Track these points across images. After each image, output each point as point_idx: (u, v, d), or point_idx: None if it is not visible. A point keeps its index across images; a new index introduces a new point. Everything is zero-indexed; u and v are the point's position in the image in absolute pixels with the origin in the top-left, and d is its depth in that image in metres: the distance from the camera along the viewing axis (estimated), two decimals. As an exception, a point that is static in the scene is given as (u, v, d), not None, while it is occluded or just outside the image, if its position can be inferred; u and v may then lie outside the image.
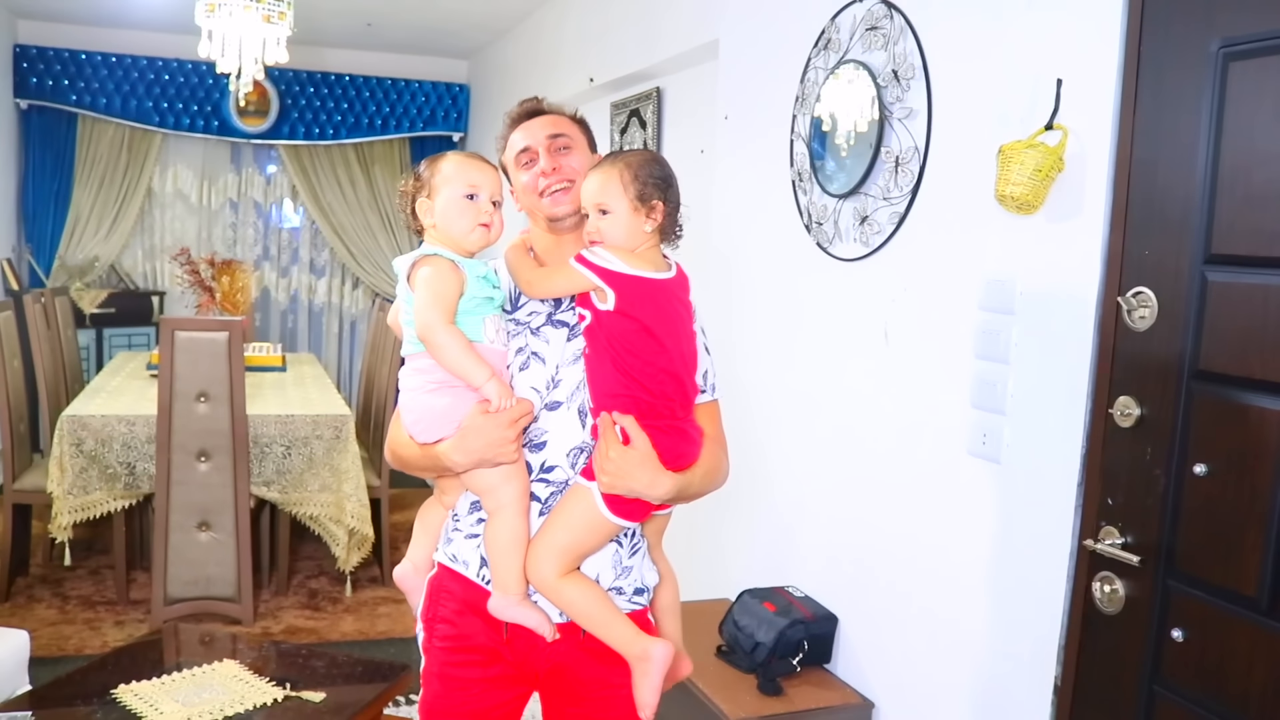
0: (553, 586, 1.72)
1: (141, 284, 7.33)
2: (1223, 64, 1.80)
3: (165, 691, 2.38)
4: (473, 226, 1.73)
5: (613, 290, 1.69)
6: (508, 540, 1.72)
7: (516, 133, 1.88)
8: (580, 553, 1.74)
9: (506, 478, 1.72)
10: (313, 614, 4.36)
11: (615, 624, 1.74)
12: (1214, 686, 1.79)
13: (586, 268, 1.70)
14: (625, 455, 1.67)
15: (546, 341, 1.79)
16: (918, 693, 2.59)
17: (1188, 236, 1.85)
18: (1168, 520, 1.88)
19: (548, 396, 1.77)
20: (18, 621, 3.95)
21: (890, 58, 2.69)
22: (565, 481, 1.76)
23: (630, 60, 4.59)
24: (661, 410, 1.72)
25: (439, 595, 1.87)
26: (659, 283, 1.73)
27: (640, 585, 1.85)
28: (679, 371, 1.75)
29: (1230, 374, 1.78)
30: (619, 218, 1.72)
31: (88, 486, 4.10)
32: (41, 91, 6.75)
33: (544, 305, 1.82)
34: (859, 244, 2.83)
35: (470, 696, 1.81)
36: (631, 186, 1.72)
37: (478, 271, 1.74)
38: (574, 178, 1.81)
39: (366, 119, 7.48)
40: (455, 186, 1.74)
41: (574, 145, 1.85)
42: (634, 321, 1.70)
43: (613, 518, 1.71)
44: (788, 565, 3.14)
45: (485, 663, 1.81)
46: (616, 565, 1.80)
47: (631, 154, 1.77)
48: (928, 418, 2.56)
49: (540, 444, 1.76)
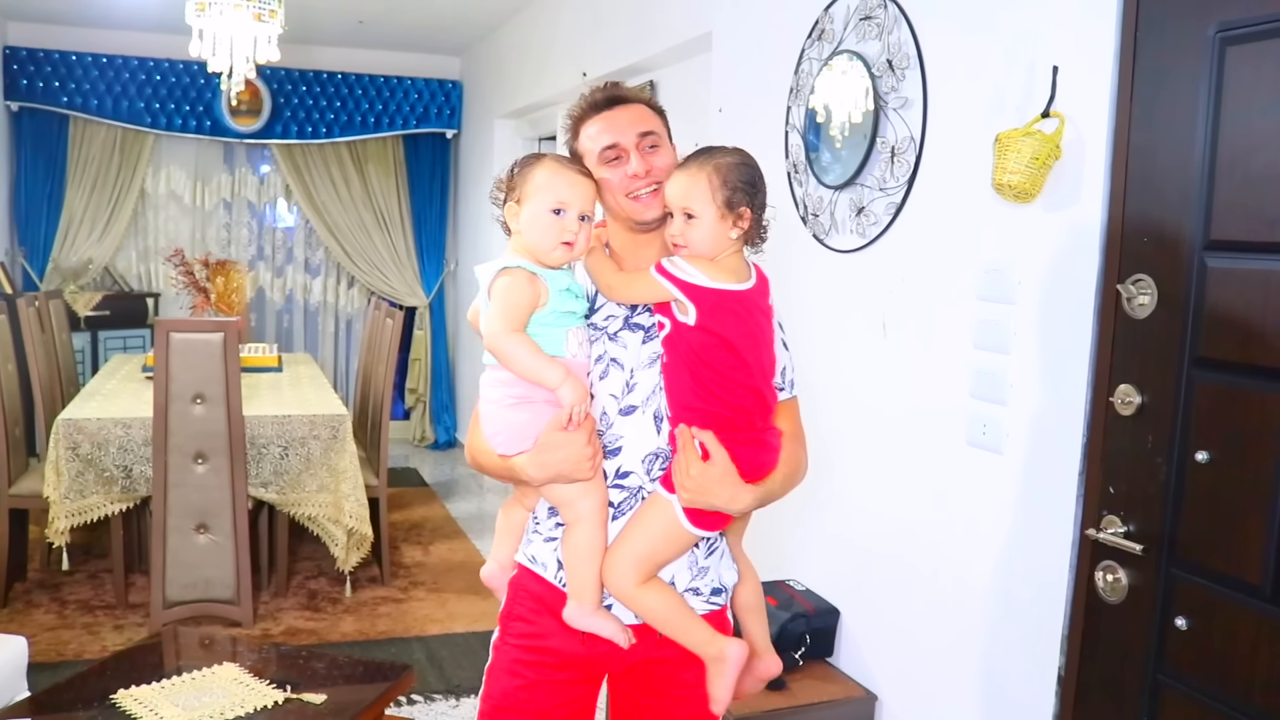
0: (631, 595, 1.71)
1: (136, 286, 7.31)
2: (1220, 48, 1.79)
3: (165, 696, 2.37)
4: (555, 244, 1.67)
5: (694, 305, 1.64)
6: (585, 551, 1.71)
7: (597, 123, 1.74)
8: (659, 562, 1.73)
9: (584, 491, 1.70)
10: (312, 615, 4.35)
11: (693, 628, 1.73)
12: (1218, 674, 1.78)
13: (667, 279, 1.65)
14: (706, 472, 1.64)
15: (624, 346, 1.75)
16: (921, 684, 2.58)
17: (1186, 222, 1.84)
18: (1170, 508, 1.87)
19: (623, 401, 1.74)
20: (16, 627, 3.93)
21: (885, 47, 2.68)
22: (640, 488, 1.74)
23: (623, 54, 4.57)
24: (740, 424, 1.69)
25: (517, 594, 1.85)
26: (741, 294, 1.68)
27: (718, 585, 1.83)
28: (759, 384, 1.71)
29: (1231, 360, 1.77)
30: (705, 224, 1.66)
31: (84, 490, 4.08)
32: (32, 93, 6.72)
33: (621, 309, 1.77)
34: (856, 235, 2.82)
35: (538, 694, 1.79)
36: (720, 191, 1.65)
37: (561, 284, 1.69)
38: (663, 179, 1.72)
39: (359, 117, 7.45)
40: (544, 199, 1.67)
41: (661, 143, 1.75)
42: (715, 336, 1.65)
43: (694, 530, 1.70)
44: (789, 559, 3.13)
45: (557, 665, 1.79)
46: (693, 566, 1.78)
47: (721, 154, 1.69)
48: (927, 409, 2.55)
49: (615, 450, 1.74)
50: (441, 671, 3.83)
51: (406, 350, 7.67)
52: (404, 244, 7.65)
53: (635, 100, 1.77)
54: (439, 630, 4.23)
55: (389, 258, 7.62)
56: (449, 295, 7.99)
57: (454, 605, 4.52)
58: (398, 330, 4.92)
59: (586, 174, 1.72)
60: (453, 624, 4.31)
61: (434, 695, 3.65)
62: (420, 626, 4.27)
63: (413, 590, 4.68)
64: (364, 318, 6.33)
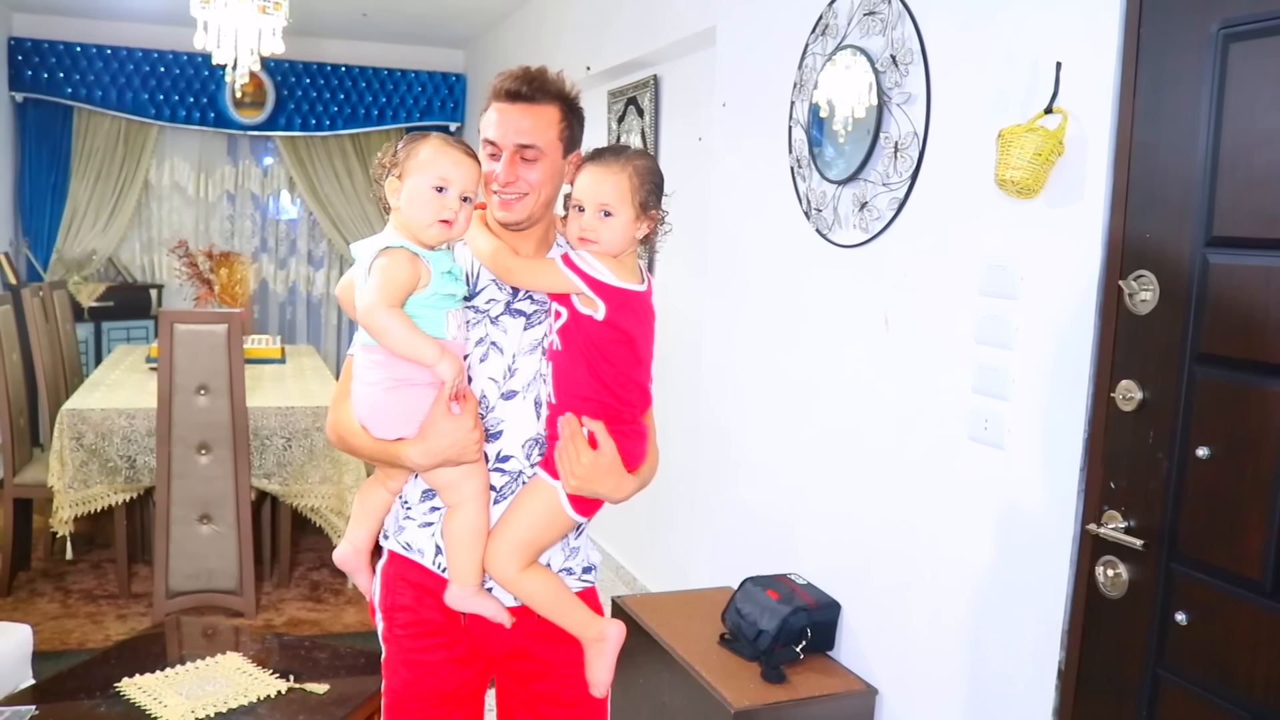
0: (514, 580, 1.75)
1: (140, 277, 7.32)
2: (1223, 45, 1.79)
3: (169, 684, 2.39)
4: (433, 220, 1.65)
5: (604, 302, 1.69)
6: (468, 534, 1.72)
7: (493, 114, 1.74)
8: (541, 546, 1.78)
9: (468, 474, 1.70)
10: (315, 606, 4.36)
11: (573, 611, 1.80)
12: (1218, 669, 1.79)
13: (576, 274, 1.69)
14: (596, 461, 1.70)
15: (504, 331, 1.76)
16: (921, 678, 2.59)
17: (1189, 219, 1.85)
18: (1171, 504, 1.88)
19: (504, 386, 1.76)
20: (20, 616, 3.95)
21: (888, 43, 2.68)
22: (520, 472, 1.77)
23: (627, 48, 4.57)
24: (626, 416, 1.77)
25: (395, 583, 1.85)
26: (641, 295, 1.75)
27: (588, 564, 1.90)
28: (645, 381, 1.80)
29: (1232, 356, 1.78)
30: (620, 223, 1.70)
31: (88, 480, 4.09)
32: (37, 84, 6.72)
33: (503, 293, 1.78)
34: (859, 230, 2.82)
35: (438, 679, 1.82)
36: (639, 193, 1.70)
37: (442, 266, 1.67)
38: (530, 191, 1.72)
39: (363, 110, 7.45)
40: (426, 175, 1.65)
41: (543, 157, 1.72)
42: (620, 332, 1.71)
43: (575, 515, 1.76)
44: (790, 553, 3.14)
45: (449, 644, 1.82)
46: (565, 548, 1.85)
47: (636, 156, 1.73)
48: (929, 404, 2.56)
49: (496, 434, 1.76)
50: (443, 663, 3.84)
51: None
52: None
53: (545, 100, 1.73)
54: (441, 622, 4.24)
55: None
56: (452, 288, 7.98)
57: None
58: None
59: (472, 155, 1.70)
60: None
61: (436, 686, 3.66)
62: (422, 618, 4.27)
63: (415, 582, 4.69)
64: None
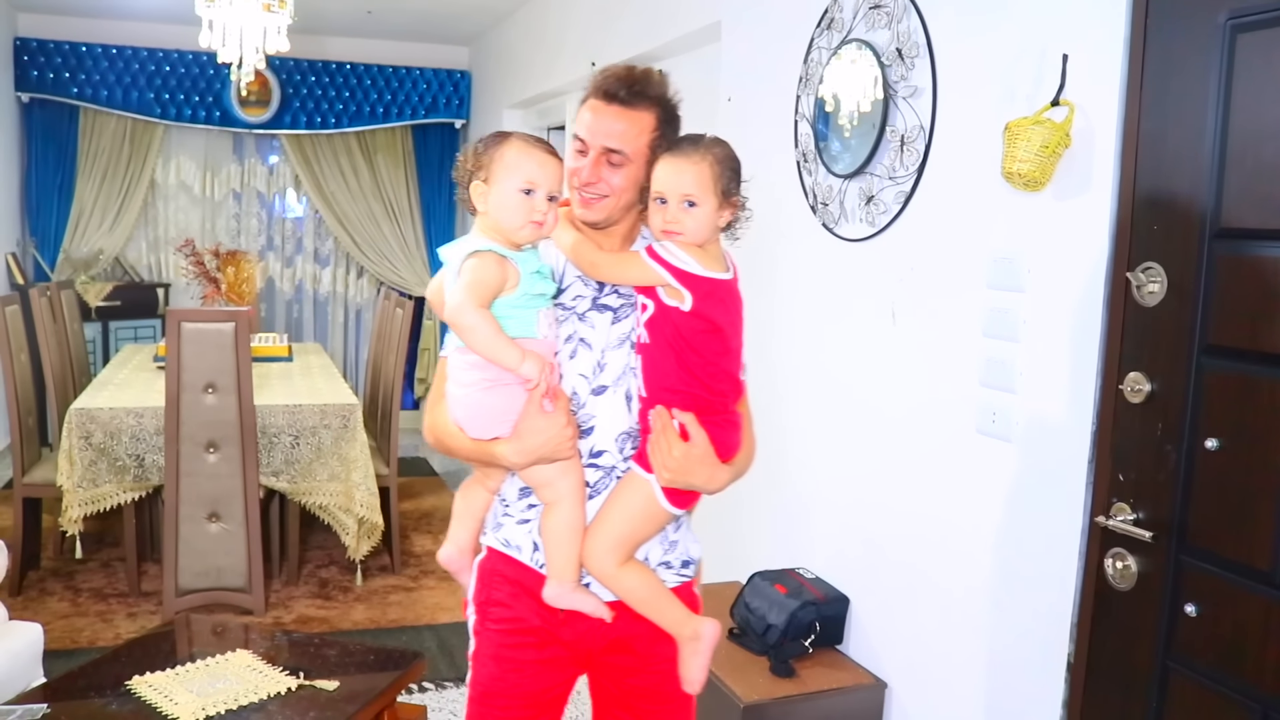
0: (612, 576, 1.74)
1: (146, 276, 7.34)
2: (1230, 36, 1.78)
3: (179, 682, 2.39)
4: (525, 223, 1.67)
5: (690, 292, 1.66)
6: (565, 530, 1.73)
7: (587, 112, 1.72)
8: (638, 541, 1.76)
9: (564, 471, 1.71)
10: (324, 603, 4.37)
11: (669, 607, 1.77)
12: (1228, 661, 1.79)
13: (661, 265, 1.67)
14: (688, 453, 1.68)
15: (592, 326, 1.76)
16: (930, 672, 2.59)
17: (1196, 210, 1.84)
18: (1179, 495, 1.88)
19: (594, 382, 1.75)
20: (30, 615, 3.96)
21: (894, 36, 2.67)
22: (614, 467, 1.76)
23: (632, 43, 4.57)
24: (717, 406, 1.73)
25: (491, 579, 1.87)
26: (728, 283, 1.71)
27: (687, 558, 1.87)
28: (734, 370, 1.76)
29: (1240, 347, 1.77)
30: (704, 212, 1.67)
31: (97, 479, 4.10)
32: (43, 84, 6.74)
33: (589, 289, 1.78)
34: (865, 224, 2.82)
35: (525, 678, 1.82)
36: (721, 180, 1.67)
37: (530, 266, 1.69)
38: (610, 195, 1.71)
39: (368, 107, 7.46)
40: (512, 179, 1.66)
41: (628, 163, 1.71)
42: (707, 322, 1.68)
43: (671, 508, 1.74)
44: (798, 547, 3.14)
45: (540, 644, 1.82)
46: (664, 541, 1.82)
47: (714, 144, 1.70)
48: (937, 397, 2.55)
49: (588, 429, 1.75)
50: (452, 659, 3.85)
51: (416, 340, 7.68)
52: (413, 234, 7.66)
53: (642, 104, 1.71)
54: (449, 619, 4.25)
55: (398, 248, 7.64)
56: (458, 285, 7.98)
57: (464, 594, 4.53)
58: (408, 320, 4.92)
59: (554, 153, 1.71)
60: (463, 612, 4.31)
61: (445, 683, 3.68)
62: (431, 615, 4.29)
63: (423, 579, 4.70)
64: (374, 308, 6.35)
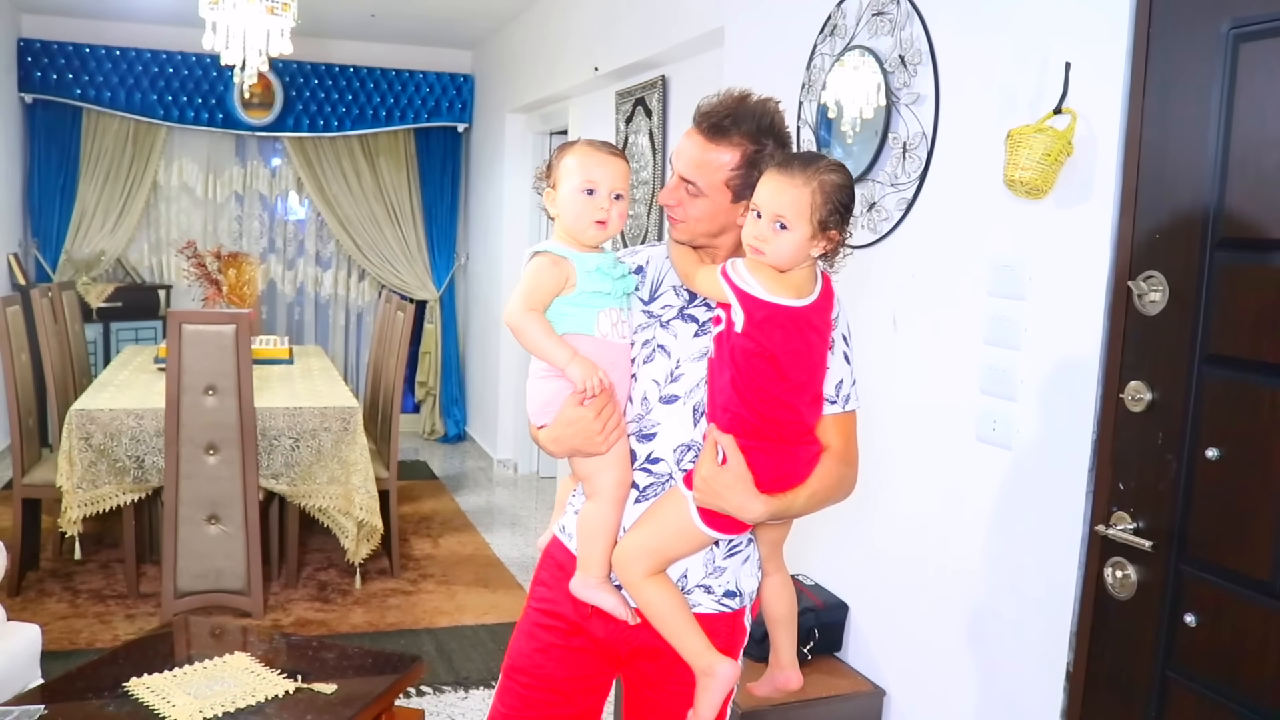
0: (636, 584, 1.73)
1: (148, 278, 7.34)
2: (1233, 45, 1.78)
3: (177, 684, 2.39)
4: (589, 223, 1.72)
5: (744, 312, 1.63)
6: (597, 525, 1.76)
7: (684, 140, 1.76)
8: (670, 556, 1.74)
9: (603, 466, 1.74)
10: (322, 606, 4.37)
11: (687, 634, 1.73)
12: (1228, 671, 1.78)
13: (726, 283, 1.66)
14: (717, 475, 1.65)
15: (674, 335, 1.78)
16: (929, 680, 2.58)
17: (1198, 219, 1.84)
18: (1180, 505, 1.87)
19: (665, 389, 1.76)
20: (29, 615, 3.96)
21: (897, 43, 2.68)
22: (669, 476, 1.76)
23: (635, 48, 4.57)
24: (767, 433, 1.66)
25: (546, 561, 1.94)
26: (795, 311, 1.65)
27: (732, 589, 1.82)
28: (794, 400, 1.68)
29: (1242, 357, 1.77)
30: (794, 238, 1.61)
31: (97, 480, 4.10)
32: (46, 86, 6.75)
33: (679, 298, 1.80)
34: (867, 230, 2.82)
35: (550, 660, 1.86)
36: (820, 210, 1.60)
37: (589, 265, 1.72)
38: (685, 220, 1.74)
39: (371, 110, 7.47)
40: (575, 180, 1.73)
41: (706, 195, 1.72)
42: (758, 346, 1.63)
43: (705, 529, 1.70)
44: (798, 553, 3.13)
45: (568, 632, 1.85)
46: (708, 564, 1.79)
47: (827, 170, 1.62)
48: (937, 404, 2.55)
49: (650, 435, 1.76)
50: (450, 663, 3.85)
51: (417, 343, 7.68)
52: (415, 237, 7.67)
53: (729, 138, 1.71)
54: (448, 622, 4.25)
55: (400, 251, 7.64)
56: (459, 289, 8.00)
57: (463, 597, 4.53)
58: (409, 323, 4.93)
59: (618, 154, 1.77)
60: (462, 616, 4.32)
61: (443, 687, 3.67)
62: (430, 618, 4.29)
63: (422, 582, 4.70)
64: (375, 311, 6.34)
